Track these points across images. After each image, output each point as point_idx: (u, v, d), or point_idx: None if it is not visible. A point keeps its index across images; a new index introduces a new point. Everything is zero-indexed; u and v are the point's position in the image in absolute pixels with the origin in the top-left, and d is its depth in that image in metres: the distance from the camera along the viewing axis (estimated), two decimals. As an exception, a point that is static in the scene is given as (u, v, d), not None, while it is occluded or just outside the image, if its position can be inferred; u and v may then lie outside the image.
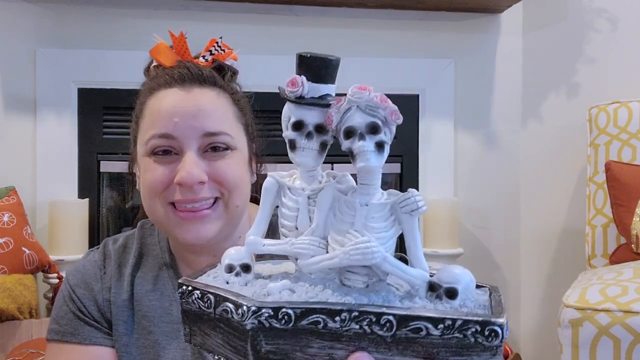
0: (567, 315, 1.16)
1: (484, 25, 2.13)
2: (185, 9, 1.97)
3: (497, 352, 0.33)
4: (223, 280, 0.39)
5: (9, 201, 1.70)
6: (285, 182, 0.40)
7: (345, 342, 0.33)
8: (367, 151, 0.35)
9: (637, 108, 1.74)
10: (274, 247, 0.39)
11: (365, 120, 0.35)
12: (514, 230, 2.16)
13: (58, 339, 0.81)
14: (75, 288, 0.82)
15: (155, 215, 0.78)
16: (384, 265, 0.35)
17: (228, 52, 0.82)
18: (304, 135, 0.37)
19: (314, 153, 0.38)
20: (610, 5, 1.97)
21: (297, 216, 0.39)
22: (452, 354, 0.33)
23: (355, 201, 0.36)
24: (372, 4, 2.02)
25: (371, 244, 0.34)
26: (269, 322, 0.33)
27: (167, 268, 0.84)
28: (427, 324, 0.33)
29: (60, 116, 1.89)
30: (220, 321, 0.35)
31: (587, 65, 2.01)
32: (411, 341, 0.33)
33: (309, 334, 0.34)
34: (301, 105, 0.37)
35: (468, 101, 2.12)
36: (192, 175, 0.72)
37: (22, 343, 1.48)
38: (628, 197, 1.57)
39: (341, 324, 0.33)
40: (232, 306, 0.34)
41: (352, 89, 0.36)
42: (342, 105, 0.35)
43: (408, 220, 0.36)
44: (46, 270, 1.68)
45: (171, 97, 0.76)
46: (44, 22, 1.91)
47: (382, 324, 0.33)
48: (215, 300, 0.35)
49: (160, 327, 0.80)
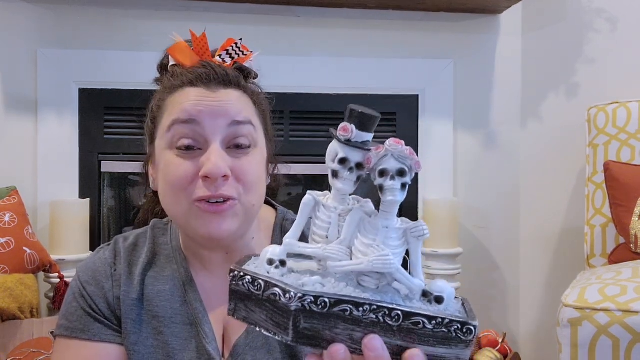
0: (566, 315, 1.17)
1: (483, 25, 2.13)
2: (186, 9, 1.98)
3: (469, 345, 0.46)
4: (264, 270, 0.49)
5: (10, 201, 1.70)
6: (320, 200, 0.51)
7: (363, 327, 0.45)
8: (396, 189, 0.46)
9: (636, 108, 1.75)
10: (308, 249, 0.50)
11: (397, 165, 0.46)
12: (513, 230, 2.16)
13: (67, 335, 0.81)
14: (86, 285, 0.82)
15: (174, 212, 0.76)
16: (396, 274, 0.47)
17: (249, 54, 0.82)
18: (346, 169, 0.48)
19: (352, 183, 0.49)
20: (609, 6, 1.97)
21: (329, 228, 0.50)
22: (438, 343, 0.45)
23: (378, 224, 0.48)
24: (372, 4, 2.02)
25: (390, 257, 0.46)
26: (309, 306, 0.44)
27: (178, 268, 0.84)
28: (424, 319, 0.45)
29: (61, 116, 1.90)
30: (267, 302, 0.46)
31: (587, 65, 2.01)
32: (411, 331, 0.45)
33: (337, 318, 0.45)
34: (349, 146, 0.48)
35: (468, 101, 2.13)
36: (219, 167, 0.71)
37: (23, 342, 1.48)
38: (627, 197, 1.57)
39: (363, 313, 0.45)
40: (281, 291, 0.45)
41: (390, 142, 0.47)
42: (380, 152, 0.47)
43: (415, 242, 0.48)
44: (47, 270, 1.68)
45: (195, 94, 0.75)
46: (45, 23, 1.91)
47: (392, 316, 0.45)
48: (265, 285, 0.46)
49: (170, 328, 0.81)
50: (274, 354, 0.80)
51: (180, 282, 0.83)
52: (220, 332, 0.82)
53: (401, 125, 2.08)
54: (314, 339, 0.45)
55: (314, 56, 2.04)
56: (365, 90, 2.03)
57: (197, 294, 0.82)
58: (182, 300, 0.82)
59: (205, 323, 0.81)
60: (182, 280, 0.83)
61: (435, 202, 1.94)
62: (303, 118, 2.03)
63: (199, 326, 0.80)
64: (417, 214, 2.07)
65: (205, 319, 0.81)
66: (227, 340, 0.82)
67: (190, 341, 0.80)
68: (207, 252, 0.83)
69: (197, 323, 0.81)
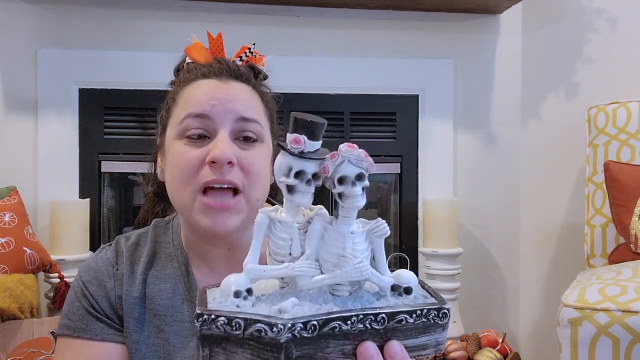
0: (566, 315, 1.17)
1: (483, 25, 2.13)
2: (186, 9, 1.98)
3: (445, 327, 0.47)
4: (233, 305, 0.46)
5: (10, 201, 1.70)
6: (274, 216, 0.49)
7: (352, 338, 0.45)
8: (358, 194, 0.46)
9: (636, 108, 1.75)
10: (274, 271, 0.47)
11: (355, 170, 0.46)
12: (513, 230, 2.16)
13: (69, 334, 0.81)
14: (88, 284, 0.83)
15: (181, 200, 0.78)
16: (371, 277, 0.47)
17: (260, 57, 0.87)
18: (304, 182, 0.47)
19: (311, 195, 0.48)
20: (609, 6, 1.97)
21: (291, 245, 0.48)
22: (420, 334, 0.47)
23: (343, 230, 0.47)
24: (372, 4, 2.03)
25: (364, 264, 0.46)
26: (300, 333, 0.43)
27: (179, 266, 0.85)
28: (406, 315, 0.46)
29: (61, 116, 1.90)
30: (251, 339, 0.43)
31: (586, 65, 2.01)
32: (396, 329, 0.46)
33: (327, 337, 0.44)
34: (303, 158, 0.47)
35: (468, 101, 2.13)
36: (225, 152, 0.73)
37: (23, 342, 1.48)
38: (627, 197, 1.57)
39: (351, 326, 0.44)
40: (266, 326, 0.42)
41: (344, 147, 0.46)
42: (337, 159, 0.46)
43: (377, 241, 0.49)
44: (47, 269, 1.68)
45: (208, 86, 0.78)
46: (45, 23, 1.91)
47: (378, 321, 0.45)
48: (246, 323, 0.43)
49: (171, 326, 0.81)
50: None
51: (181, 280, 0.83)
52: None
53: (401, 125, 2.08)
54: None
55: (314, 56, 2.04)
56: (365, 90, 2.03)
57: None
58: (183, 298, 0.83)
59: None
60: (183, 278, 0.83)
61: (435, 202, 1.94)
62: (303, 118, 2.03)
63: None
64: (417, 214, 2.07)
65: None
66: None
67: (190, 339, 0.81)
68: (209, 248, 0.83)
69: None
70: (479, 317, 2.11)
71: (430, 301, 0.48)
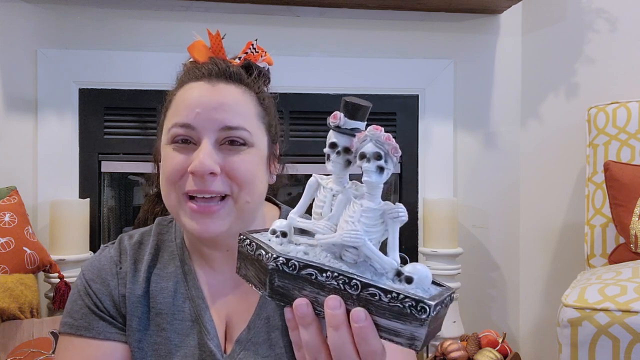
0: (566, 315, 1.17)
1: (483, 25, 2.13)
2: (186, 9, 1.98)
3: (424, 324, 0.47)
4: (266, 238, 0.55)
5: (10, 201, 1.70)
6: (322, 182, 0.56)
7: (327, 292, 0.50)
8: (371, 171, 0.50)
9: (636, 108, 1.74)
10: (302, 224, 0.55)
11: (374, 149, 0.50)
12: (513, 230, 2.16)
13: (71, 332, 0.81)
14: (91, 283, 0.83)
15: (169, 204, 0.79)
16: (364, 248, 0.50)
17: (260, 53, 0.85)
18: (334, 152, 0.53)
19: (340, 165, 0.54)
20: (609, 6, 1.97)
21: (323, 206, 0.55)
22: (393, 317, 0.48)
23: (358, 202, 0.52)
24: (372, 4, 2.03)
25: (359, 232, 0.50)
26: (282, 267, 0.50)
27: (182, 265, 0.85)
28: (380, 292, 0.48)
29: (61, 116, 1.90)
30: (256, 261, 0.53)
31: (586, 65, 2.01)
32: (368, 302, 0.48)
33: (304, 281, 0.50)
34: (338, 132, 0.53)
35: (468, 101, 2.13)
36: (204, 164, 0.73)
37: (23, 343, 1.48)
38: (627, 197, 1.57)
39: (326, 279, 0.49)
40: (263, 252, 0.52)
41: (370, 128, 0.50)
42: (361, 137, 0.51)
43: (392, 224, 0.51)
44: (47, 269, 1.68)
45: (197, 90, 0.78)
46: (45, 23, 1.91)
47: (351, 285, 0.49)
48: (256, 247, 0.53)
49: (172, 325, 0.81)
50: (275, 349, 0.80)
51: (183, 279, 0.83)
52: (223, 328, 0.83)
53: (401, 125, 2.08)
54: (286, 297, 0.51)
55: (314, 56, 2.04)
56: (365, 90, 2.03)
57: (200, 291, 0.83)
58: (184, 296, 0.83)
59: (207, 319, 0.81)
60: (184, 277, 0.84)
61: (435, 202, 1.94)
62: (303, 118, 2.03)
63: (201, 322, 0.81)
64: (417, 214, 2.07)
65: (207, 315, 0.81)
66: (229, 336, 0.82)
67: (191, 337, 0.81)
68: (208, 249, 0.84)
69: (198, 319, 0.81)
70: (479, 317, 2.11)
71: (417, 293, 0.49)
